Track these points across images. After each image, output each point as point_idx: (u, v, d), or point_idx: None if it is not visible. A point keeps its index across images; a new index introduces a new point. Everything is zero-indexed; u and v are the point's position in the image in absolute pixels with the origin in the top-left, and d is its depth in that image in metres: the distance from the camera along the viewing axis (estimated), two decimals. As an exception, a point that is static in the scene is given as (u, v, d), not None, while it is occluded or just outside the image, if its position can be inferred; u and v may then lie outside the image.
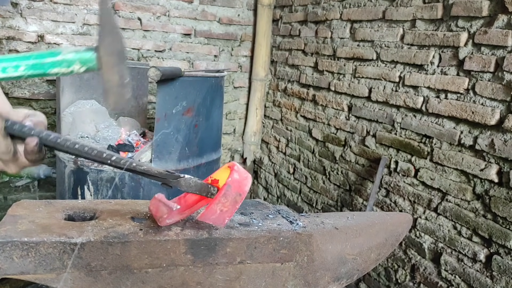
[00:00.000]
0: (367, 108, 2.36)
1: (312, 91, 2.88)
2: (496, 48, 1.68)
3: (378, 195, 2.26)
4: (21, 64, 0.55)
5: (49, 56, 0.56)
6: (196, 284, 0.77)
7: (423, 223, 2.02)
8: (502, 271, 1.66)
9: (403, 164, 2.12)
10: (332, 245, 0.90)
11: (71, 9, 2.85)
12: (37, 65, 0.56)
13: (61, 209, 0.79)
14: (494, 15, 1.69)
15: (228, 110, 3.52)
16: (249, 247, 0.80)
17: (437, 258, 1.95)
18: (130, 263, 0.72)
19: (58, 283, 0.68)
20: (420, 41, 2.01)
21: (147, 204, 0.88)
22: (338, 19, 2.60)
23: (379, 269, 2.29)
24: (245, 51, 3.48)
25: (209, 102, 2.17)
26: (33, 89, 2.86)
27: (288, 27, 3.15)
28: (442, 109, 1.90)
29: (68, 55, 0.57)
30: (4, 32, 2.70)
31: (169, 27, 3.14)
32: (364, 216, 1.05)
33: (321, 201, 2.79)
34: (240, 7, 3.36)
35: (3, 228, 0.67)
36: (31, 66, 0.56)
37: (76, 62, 0.57)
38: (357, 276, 0.98)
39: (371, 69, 2.32)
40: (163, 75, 1.83)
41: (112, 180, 1.96)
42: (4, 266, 0.65)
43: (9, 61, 0.55)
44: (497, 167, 1.68)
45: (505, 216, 1.65)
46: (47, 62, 0.56)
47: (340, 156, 2.59)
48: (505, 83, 1.65)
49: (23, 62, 0.55)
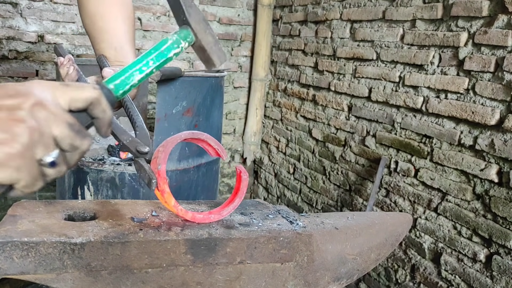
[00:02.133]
0: (367, 108, 2.36)
1: (312, 91, 2.88)
2: (496, 48, 1.68)
3: (378, 195, 2.26)
4: (149, 60, 0.64)
5: (163, 44, 0.65)
6: (196, 284, 0.77)
7: (423, 223, 2.02)
8: (502, 271, 1.66)
9: (403, 164, 2.12)
10: (332, 245, 0.90)
11: (71, 9, 2.85)
12: (159, 54, 0.65)
13: (61, 209, 0.79)
14: (494, 15, 1.69)
15: (228, 110, 3.53)
16: (249, 247, 0.80)
17: (437, 258, 1.95)
18: (130, 263, 0.72)
19: (58, 283, 0.68)
20: (420, 41, 2.01)
21: (147, 204, 0.88)
22: (338, 19, 2.60)
23: (379, 269, 2.29)
24: (245, 51, 3.48)
25: (209, 102, 2.17)
26: (33, 89, 2.86)
27: (288, 27, 3.15)
28: (442, 109, 1.90)
29: (174, 37, 0.66)
30: (4, 32, 2.70)
31: (169, 27, 3.14)
32: (364, 216, 1.05)
33: (321, 201, 2.79)
34: (240, 7, 3.36)
35: (3, 228, 0.67)
36: (155, 58, 0.64)
37: (181, 40, 0.66)
38: (357, 276, 0.98)
39: (371, 69, 2.32)
40: (163, 75, 1.83)
41: (112, 180, 1.96)
42: (4, 266, 0.65)
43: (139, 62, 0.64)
44: (497, 167, 1.68)
45: (505, 216, 1.65)
46: (164, 49, 0.65)
47: (340, 156, 2.59)
48: (505, 83, 1.65)
49: (149, 58, 0.64)
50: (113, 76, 0.61)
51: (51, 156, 0.46)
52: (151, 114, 3.05)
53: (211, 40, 0.70)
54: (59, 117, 0.47)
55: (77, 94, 0.51)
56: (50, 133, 0.46)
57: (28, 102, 0.44)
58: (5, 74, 2.77)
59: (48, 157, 0.46)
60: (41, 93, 0.47)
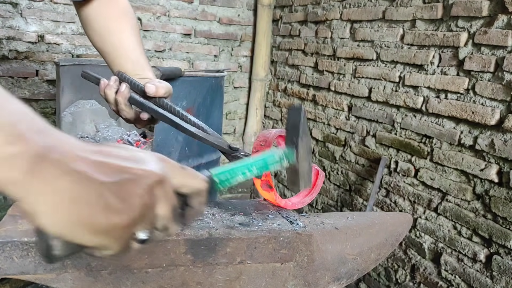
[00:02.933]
0: (367, 108, 2.36)
1: (312, 91, 2.88)
2: (496, 48, 1.68)
3: (378, 195, 2.26)
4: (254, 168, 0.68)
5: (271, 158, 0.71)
6: (196, 284, 0.77)
7: (423, 223, 2.02)
8: (502, 271, 1.66)
9: (403, 164, 2.12)
10: (332, 245, 0.90)
11: (71, 9, 2.85)
12: (264, 166, 0.70)
13: (61, 209, 0.79)
14: (494, 15, 1.69)
15: (228, 110, 3.52)
16: (249, 247, 0.80)
17: (437, 258, 1.95)
18: (130, 263, 0.72)
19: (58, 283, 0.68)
20: (420, 41, 2.01)
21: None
22: (338, 19, 2.60)
23: (379, 269, 2.29)
24: (245, 51, 3.48)
25: (209, 102, 2.17)
26: (33, 89, 2.86)
27: (288, 27, 3.15)
28: (442, 109, 1.90)
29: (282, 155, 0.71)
30: (4, 32, 2.70)
31: (169, 27, 3.14)
32: (364, 216, 1.05)
33: (321, 201, 2.79)
34: (240, 7, 3.36)
35: (3, 228, 0.67)
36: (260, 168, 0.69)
37: (285, 159, 0.71)
38: (357, 276, 0.98)
39: (371, 69, 2.32)
40: (163, 75, 1.83)
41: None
42: (4, 266, 0.65)
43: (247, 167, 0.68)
44: (497, 167, 1.68)
45: (505, 216, 1.65)
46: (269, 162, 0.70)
47: (340, 156, 2.59)
48: (505, 83, 1.65)
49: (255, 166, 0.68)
50: (222, 172, 0.64)
51: (145, 234, 0.45)
52: (151, 114, 3.05)
53: (306, 168, 0.76)
54: (169, 199, 0.46)
55: (190, 181, 0.51)
56: (155, 211, 0.44)
57: (153, 177, 0.43)
58: (5, 74, 2.77)
59: (143, 234, 0.44)
60: (164, 169, 0.45)
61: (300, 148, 0.73)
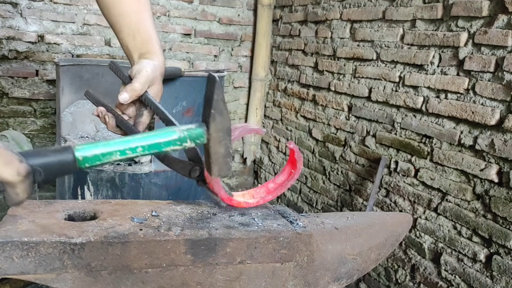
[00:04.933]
0: (367, 108, 2.36)
1: (312, 91, 2.88)
2: (496, 48, 1.68)
3: (378, 195, 2.27)
4: (139, 145, 0.58)
5: (165, 136, 0.59)
6: (196, 284, 0.77)
7: (423, 223, 2.02)
8: (502, 271, 1.66)
9: (403, 164, 2.12)
10: (332, 245, 0.90)
11: (71, 9, 2.85)
12: (153, 145, 0.59)
13: (61, 209, 0.79)
14: (494, 15, 1.69)
15: (228, 110, 3.52)
16: (249, 247, 0.80)
17: (437, 258, 1.95)
18: (130, 263, 0.72)
19: (58, 283, 0.68)
20: (420, 41, 2.01)
21: (147, 204, 0.88)
22: (338, 19, 2.60)
23: (379, 269, 2.29)
24: (245, 51, 3.48)
25: (209, 102, 2.17)
26: (33, 89, 2.86)
27: (288, 27, 3.15)
28: (442, 109, 1.90)
29: (182, 134, 0.60)
30: (4, 32, 2.70)
31: (169, 27, 3.14)
32: (364, 216, 1.06)
33: (321, 201, 2.79)
34: (240, 7, 3.36)
35: (3, 228, 0.67)
36: (148, 147, 0.59)
37: (188, 139, 0.61)
38: (357, 276, 0.98)
39: (371, 69, 2.32)
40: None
41: (112, 180, 1.96)
42: (4, 266, 0.65)
43: (127, 143, 0.58)
44: (497, 167, 1.68)
45: (505, 216, 1.65)
46: (163, 142, 0.59)
47: (340, 156, 2.59)
48: (505, 83, 1.65)
49: (141, 143, 0.58)
50: (90, 145, 0.58)
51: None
52: (151, 114, 3.05)
53: (221, 152, 0.67)
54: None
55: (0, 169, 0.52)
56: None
57: None
58: (5, 74, 2.77)
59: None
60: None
61: (212, 128, 0.64)
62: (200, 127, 0.64)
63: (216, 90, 0.62)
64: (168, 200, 0.92)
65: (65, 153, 0.57)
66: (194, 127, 0.63)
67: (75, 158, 0.57)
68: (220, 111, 0.64)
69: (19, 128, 2.87)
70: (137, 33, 0.97)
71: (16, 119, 2.87)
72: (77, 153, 0.57)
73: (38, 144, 2.94)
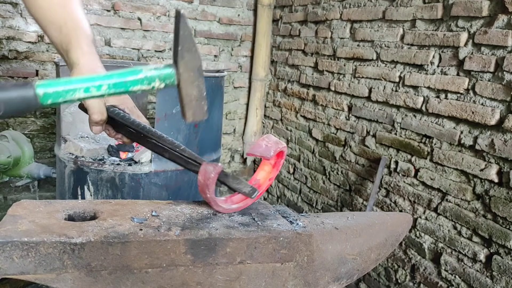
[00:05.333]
0: (367, 108, 2.36)
1: (312, 91, 2.88)
2: (496, 48, 1.68)
3: (378, 195, 2.26)
4: (103, 83, 0.56)
5: (131, 75, 0.57)
6: (196, 284, 0.77)
7: (423, 223, 2.02)
8: (502, 271, 1.66)
9: (403, 164, 2.12)
10: (332, 245, 0.90)
11: (71, 9, 2.85)
12: (119, 83, 0.57)
13: (61, 209, 0.79)
14: (494, 15, 1.69)
15: (228, 110, 3.52)
16: (249, 247, 0.80)
17: (437, 258, 1.95)
18: (130, 263, 0.72)
19: (58, 283, 0.68)
20: (420, 41, 2.01)
21: (147, 204, 0.88)
22: (338, 19, 2.60)
23: (379, 269, 2.29)
24: (245, 51, 3.48)
25: (209, 102, 2.17)
26: (33, 89, 2.86)
27: (288, 27, 3.15)
28: (442, 109, 1.90)
29: (149, 73, 0.58)
30: (4, 32, 2.70)
31: (169, 27, 3.14)
32: (364, 216, 1.06)
33: (321, 201, 2.79)
34: (240, 7, 3.36)
35: (3, 228, 0.67)
36: (113, 85, 0.57)
37: (156, 79, 0.59)
38: (357, 276, 0.98)
39: (371, 69, 2.32)
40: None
41: (112, 180, 1.96)
42: (4, 266, 0.65)
43: (91, 80, 0.56)
44: (497, 167, 1.68)
45: (505, 216, 1.65)
46: (129, 80, 0.58)
47: (340, 156, 2.59)
48: (505, 83, 1.65)
49: (105, 81, 0.56)
50: (51, 82, 0.56)
51: None
52: (151, 114, 3.05)
53: (194, 94, 0.63)
54: None
55: None
56: None
57: None
58: (5, 74, 2.77)
59: None
60: None
61: (182, 67, 0.60)
62: (170, 67, 0.61)
63: (182, 25, 0.59)
64: (168, 200, 0.92)
65: (26, 88, 0.54)
66: (162, 66, 0.61)
67: (35, 94, 0.54)
68: (188, 48, 0.60)
69: (19, 128, 2.87)
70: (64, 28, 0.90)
71: (16, 119, 2.87)
72: (38, 89, 0.55)
73: (38, 144, 2.94)
